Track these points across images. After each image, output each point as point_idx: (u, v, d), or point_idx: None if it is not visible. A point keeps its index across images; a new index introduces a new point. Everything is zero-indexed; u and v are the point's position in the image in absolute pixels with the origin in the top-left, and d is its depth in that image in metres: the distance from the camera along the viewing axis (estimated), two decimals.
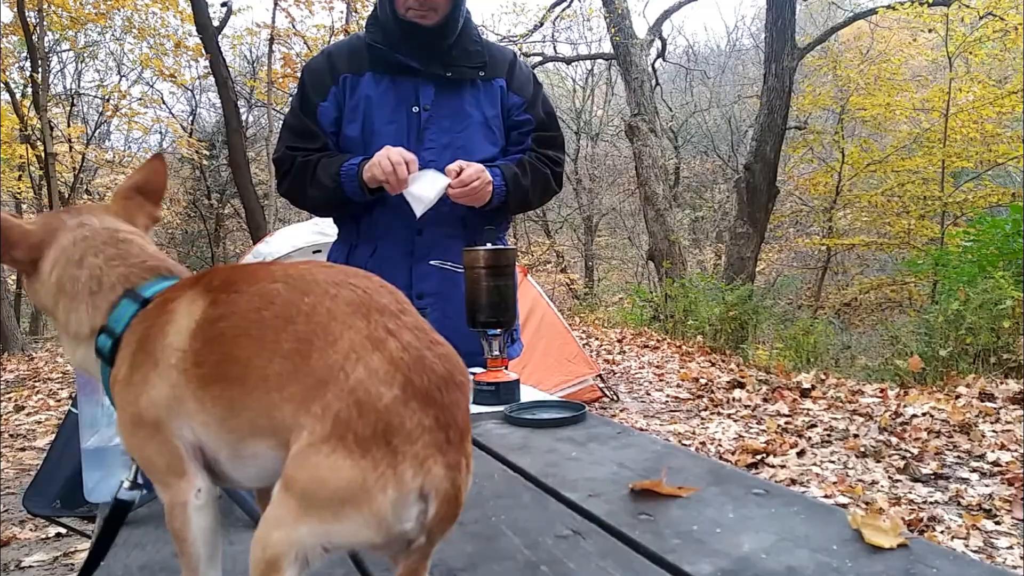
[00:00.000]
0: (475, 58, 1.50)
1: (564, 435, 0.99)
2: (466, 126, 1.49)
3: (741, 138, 14.66)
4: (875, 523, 0.63)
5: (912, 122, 11.77)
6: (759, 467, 3.19)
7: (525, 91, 1.55)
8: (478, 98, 1.51)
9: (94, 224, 0.60)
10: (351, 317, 0.49)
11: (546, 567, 0.62)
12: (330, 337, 0.48)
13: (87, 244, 0.59)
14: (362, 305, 0.50)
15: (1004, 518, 2.50)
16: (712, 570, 0.59)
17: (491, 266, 1.18)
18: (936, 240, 9.95)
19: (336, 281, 0.52)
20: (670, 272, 9.07)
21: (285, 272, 0.54)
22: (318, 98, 1.48)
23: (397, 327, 0.50)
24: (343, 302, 0.50)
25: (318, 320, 0.49)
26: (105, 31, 13.27)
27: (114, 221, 0.62)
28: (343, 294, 0.51)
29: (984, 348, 4.59)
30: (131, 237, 0.61)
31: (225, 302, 0.53)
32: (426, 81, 1.47)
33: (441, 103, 1.48)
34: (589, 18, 13.82)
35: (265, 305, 0.51)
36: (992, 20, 8.99)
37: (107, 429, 0.82)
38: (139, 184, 0.67)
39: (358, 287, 0.52)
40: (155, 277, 0.59)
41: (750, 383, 4.86)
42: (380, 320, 0.50)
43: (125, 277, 0.58)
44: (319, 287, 0.51)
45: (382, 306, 0.51)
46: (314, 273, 0.53)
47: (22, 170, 12.58)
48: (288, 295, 0.51)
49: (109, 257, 0.59)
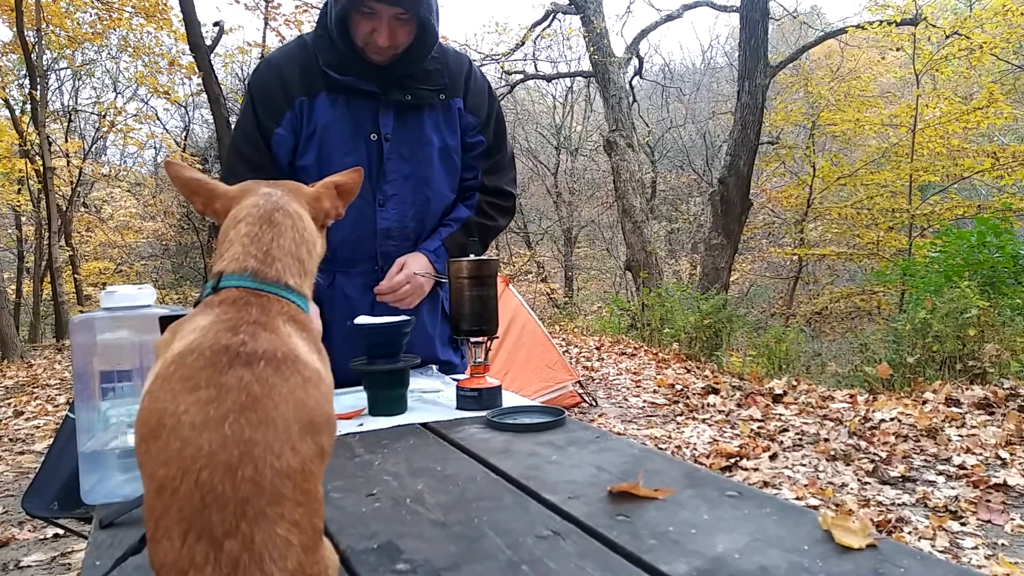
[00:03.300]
0: (436, 78, 1.39)
1: (545, 439, 1.00)
2: (427, 155, 1.41)
3: (715, 153, 14.88)
4: (845, 524, 0.64)
5: (880, 137, 12.07)
6: (733, 470, 3.23)
7: (480, 111, 1.46)
8: (438, 122, 1.42)
9: (272, 199, 0.63)
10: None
11: (527, 567, 0.62)
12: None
13: (251, 211, 0.62)
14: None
15: (969, 519, 2.57)
16: (687, 569, 0.60)
17: (474, 276, 1.20)
18: (904, 251, 10.18)
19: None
20: (647, 282, 9.15)
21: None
22: (272, 124, 1.35)
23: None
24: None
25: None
26: (101, 50, 13.46)
27: (291, 202, 0.65)
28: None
29: (950, 355, 4.69)
30: (284, 221, 0.62)
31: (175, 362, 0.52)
32: (385, 107, 1.37)
33: (401, 130, 1.38)
34: (568, 37, 13.97)
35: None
36: (958, 39, 9.25)
37: (103, 433, 0.82)
38: (339, 183, 0.72)
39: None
40: (239, 273, 0.58)
41: (724, 389, 4.93)
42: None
43: (233, 258, 0.59)
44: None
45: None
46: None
47: (21, 184, 12.68)
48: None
49: (246, 233, 0.61)
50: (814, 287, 13.97)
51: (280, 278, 0.59)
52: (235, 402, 0.49)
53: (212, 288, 0.57)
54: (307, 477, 0.49)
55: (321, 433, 0.52)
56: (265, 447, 0.47)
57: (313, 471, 0.50)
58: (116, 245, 15.15)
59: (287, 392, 0.51)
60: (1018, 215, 8.81)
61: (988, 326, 4.66)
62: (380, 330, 1.17)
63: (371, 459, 0.94)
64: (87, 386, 0.82)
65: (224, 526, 0.45)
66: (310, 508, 0.49)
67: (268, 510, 0.46)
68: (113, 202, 16.50)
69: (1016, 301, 5.00)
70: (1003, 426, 3.45)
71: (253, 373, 0.50)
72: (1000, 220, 6.32)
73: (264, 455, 0.47)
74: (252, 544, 0.45)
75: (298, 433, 0.50)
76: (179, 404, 0.48)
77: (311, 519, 0.49)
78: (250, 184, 0.66)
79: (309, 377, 0.54)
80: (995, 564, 2.21)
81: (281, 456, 0.48)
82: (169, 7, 10.21)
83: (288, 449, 0.49)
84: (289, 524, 0.47)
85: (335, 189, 0.71)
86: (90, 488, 0.81)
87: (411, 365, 1.19)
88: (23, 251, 13.94)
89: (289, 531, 0.47)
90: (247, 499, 0.46)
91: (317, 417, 0.52)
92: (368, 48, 1.32)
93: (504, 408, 1.14)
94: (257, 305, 0.56)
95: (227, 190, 0.65)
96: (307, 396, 0.52)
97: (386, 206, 1.40)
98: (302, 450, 0.50)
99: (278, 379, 0.51)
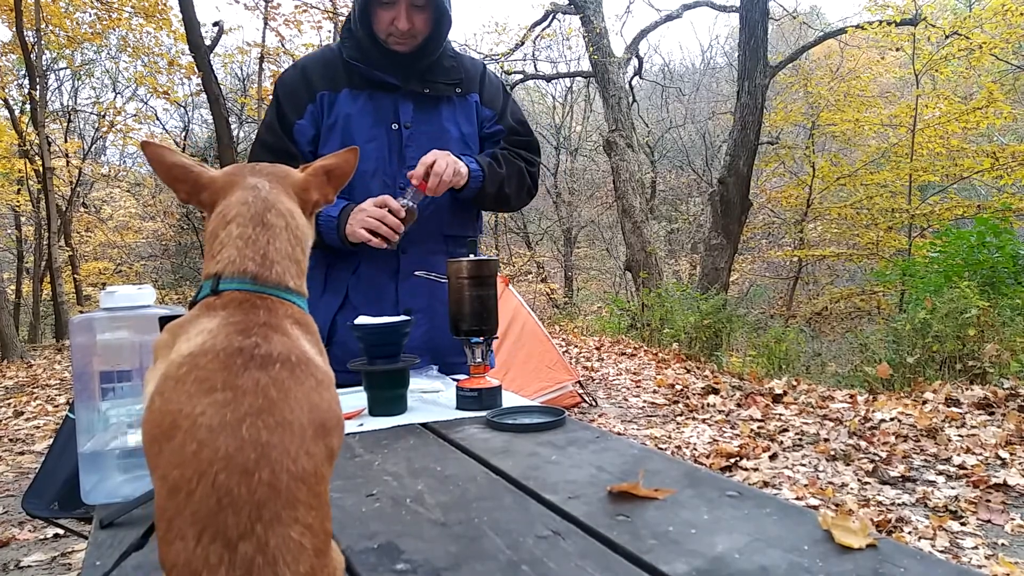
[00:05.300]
0: (452, 74, 1.49)
1: (545, 439, 1.00)
2: (445, 143, 1.47)
3: (715, 153, 14.91)
4: (845, 524, 0.63)
5: (880, 137, 12.08)
6: (733, 470, 3.23)
7: (495, 103, 1.55)
8: (455, 114, 1.50)
9: (260, 193, 0.61)
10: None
11: (527, 567, 0.62)
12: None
13: (240, 211, 0.60)
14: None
15: (969, 519, 2.57)
16: (687, 569, 0.60)
17: (474, 276, 1.20)
18: (903, 251, 10.19)
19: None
20: (647, 282, 9.15)
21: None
22: (294, 116, 1.44)
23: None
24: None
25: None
26: (101, 50, 13.60)
27: (280, 195, 0.62)
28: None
29: (950, 355, 4.70)
30: (278, 223, 0.60)
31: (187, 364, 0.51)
32: (404, 98, 1.45)
33: (420, 120, 1.46)
34: (568, 38, 13.97)
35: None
36: (957, 39, 9.27)
37: (103, 434, 0.82)
38: (329, 167, 0.68)
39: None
40: (238, 276, 0.57)
41: (724, 389, 4.93)
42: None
43: (230, 261, 0.58)
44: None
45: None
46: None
47: (21, 184, 12.72)
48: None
49: (239, 236, 0.59)
50: (814, 287, 13.99)
51: (281, 281, 0.58)
52: (252, 405, 0.48)
53: (212, 290, 0.57)
54: (319, 480, 0.50)
55: (332, 435, 0.52)
56: (282, 451, 0.48)
57: (324, 474, 0.51)
58: (116, 245, 15.17)
59: (302, 395, 0.51)
60: (1018, 215, 8.83)
61: (988, 326, 4.66)
62: (380, 330, 1.17)
63: (371, 459, 0.94)
64: (87, 386, 0.82)
65: (239, 528, 0.45)
66: (322, 511, 0.49)
67: (283, 513, 0.46)
68: (113, 202, 16.54)
69: (1016, 301, 5.01)
70: (1003, 426, 3.45)
71: (269, 376, 0.50)
72: (1000, 220, 6.34)
73: (281, 459, 0.47)
74: (266, 547, 0.45)
75: (312, 437, 0.50)
76: (195, 406, 0.48)
77: (322, 522, 0.49)
78: (235, 172, 0.63)
79: (321, 380, 0.54)
80: (995, 564, 2.21)
81: (297, 460, 0.48)
82: (169, 7, 10.24)
83: (303, 453, 0.49)
84: (303, 527, 0.47)
85: (324, 175, 0.67)
86: (90, 488, 0.81)
87: (411, 365, 1.19)
88: (23, 251, 13.98)
89: (302, 534, 0.47)
90: (263, 502, 0.46)
91: (329, 420, 0.52)
92: (391, 39, 1.40)
93: (504, 408, 1.14)
94: (264, 307, 0.55)
95: (212, 179, 0.62)
96: (320, 399, 0.52)
97: (406, 190, 1.43)
98: (315, 453, 0.50)
99: (293, 382, 0.51)
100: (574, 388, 4.82)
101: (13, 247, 14.36)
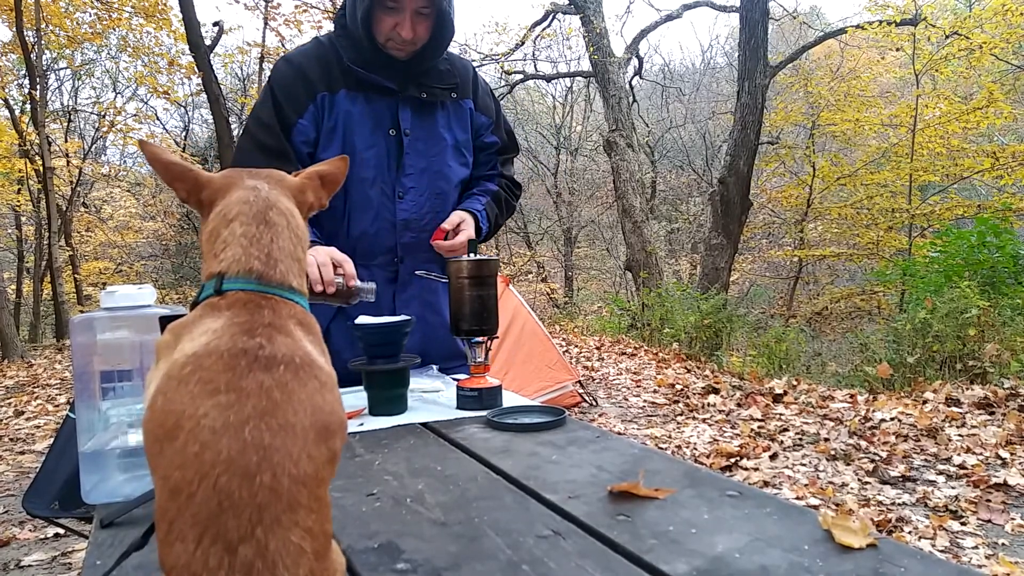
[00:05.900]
0: (447, 78, 1.47)
1: (545, 439, 1.00)
2: (441, 149, 1.46)
3: (715, 153, 14.90)
4: (845, 524, 0.64)
5: (880, 137, 12.08)
6: (733, 470, 3.23)
7: (489, 111, 1.55)
8: (449, 120, 1.48)
9: (261, 193, 0.61)
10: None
11: (527, 566, 0.62)
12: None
13: (242, 209, 0.60)
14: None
15: (969, 519, 2.57)
16: (688, 569, 0.60)
17: (474, 276, 1.20)
18: (904, 251, 10.19)
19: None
20: (647, 282, 9.15)
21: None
22: (295, 115, 1.37)
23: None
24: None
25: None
26: (101, 50, 13.59)
27: (280, 195, 0.63)
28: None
29: (950, 355, 4.70)
30: (280, 221, 0.60)
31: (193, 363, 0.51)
32: (403, 103, 1.43)
33: (418, 126, 1.44)
34: (568, 37, 13.96)
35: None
36: (957, 39, 9.26)
37: (104, 433, 0.82)
38: (323, 172, 0.69)
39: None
40: (243, 275, 0.57)
41: (724, 389, 4.93)
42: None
43: (234, 260, 0.57)
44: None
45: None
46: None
47: (21, 184, 12.71)
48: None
49: (243, 234, 0.59)
50: (814, 287, 13.99)
51: (285, 280, 0.58)
52: (255, 407, 0.48)
53: (215, 290, 0.56)
54: (320, 483, 0.49)
55: (335, 438, 0.52)
56: (284, 454, 0.47)
57: (325, 477, 0.50)
58: (116, 245, 15.17)
59: (305, 397, 0.51)
60: (1018, 215, 8.82)
61: (988, 326, 4.66)
62: (380, 330, 1.17)
63: (371, 459, 0.94)
64: (87, 386, 0.82)
65: (239, 532, 0.45)
66: (322, 514, 0.49)
67: (283, 517, 0.46)
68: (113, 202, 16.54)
69: (1016, 301, 5.01)
70: (1003, 426, 3.45)
71: (273, 378, 0.50)
72: (1000, 220, 6.34)
73: (283, 462, 0.47)
74: (266, 551, 0.45)
75: (314, 439, 0.50)
76: (198, 407, 0.48)
77: (322, 525, 0.49)
78: (233, 174, 0.63)
79: (325, 382, 0.54)
80: (995, 564, 2.21)
81: (298, 463, 0.48)
82: (169, 7, 10.25)
83: (305, 456, 0.48)
84: (303, 531, 0.47)
85: (319, 180, 0.68)
86: (91, 488, 0.81)
87: (411, 365, 1.19)
88: (23, 251, 13.97)
89: (303, 538, 0.47)
90: (264, 506, 0.46)
91: (332, 423, 0.52)
92: (391, 44, 1.37)
93: (504, 408, 1.14)
94: (268, 308, 0.55)
95: (211, 179, 0.62)
96: (323, 401, 0.52)
97: (405, 198, 1.44)
98: (317, 456, 0.49)
99: (297, 384, 0.51)
100: (574, 388, 4.82)
101: (13, 247, 14.36)
